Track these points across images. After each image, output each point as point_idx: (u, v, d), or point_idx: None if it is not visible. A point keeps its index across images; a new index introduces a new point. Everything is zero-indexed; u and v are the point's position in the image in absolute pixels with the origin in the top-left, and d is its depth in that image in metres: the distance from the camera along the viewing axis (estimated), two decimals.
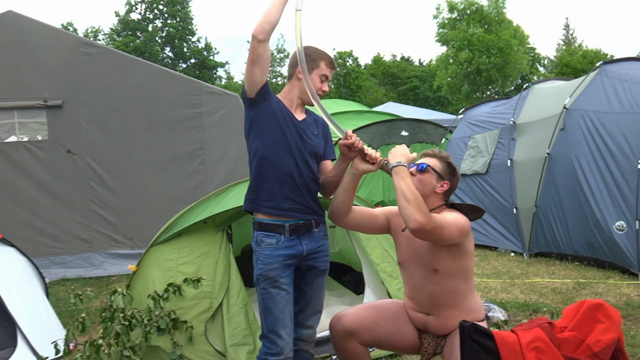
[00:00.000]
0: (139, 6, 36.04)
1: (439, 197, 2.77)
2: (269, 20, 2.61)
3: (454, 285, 2.70)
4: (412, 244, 2.76)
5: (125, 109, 6.69)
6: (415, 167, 2.78)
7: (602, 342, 1.85)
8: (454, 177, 2.81)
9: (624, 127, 6.21)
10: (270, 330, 2.69)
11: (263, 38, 2.60)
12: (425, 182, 2.74)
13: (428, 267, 2.70)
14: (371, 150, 2.69)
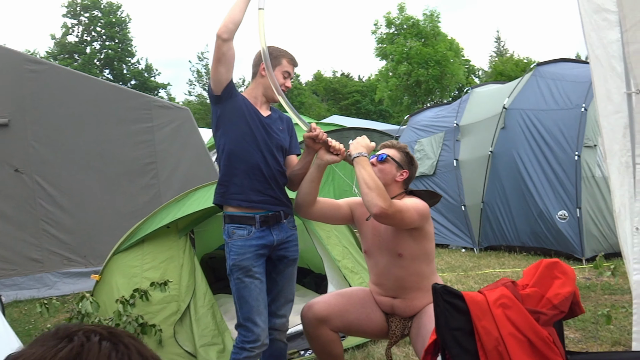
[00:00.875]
0: (75, 28, 35.36)
1: (399, 185, 2.91)
2: (233, 20, 2.68)
3: (418, 268, 2.83)
4: (377, 232, 2.88)
5: (74, 125, 6.59)
6: (376, 157, 2.91)
7: (560, 295, 2.01)
8: (412, 166, 2.96)
9: (559, 123, 6.59)
10: (246, 319, 2.75)
11: (227, 37, 2.67)
12: (385, 171, 2.87)
13: (393, 253, 2.82)
14: (335, 142, 2.80)
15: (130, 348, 0.67)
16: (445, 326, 1.94)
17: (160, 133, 6.91)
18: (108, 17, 35.12)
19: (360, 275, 4.23)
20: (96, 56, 35.57)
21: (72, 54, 34.82)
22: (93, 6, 35.04)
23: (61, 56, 34.73)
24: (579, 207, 6.19)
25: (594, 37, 2.79)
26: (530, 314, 1.96)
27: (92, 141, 6.65)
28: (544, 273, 2.08)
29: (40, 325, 4.66)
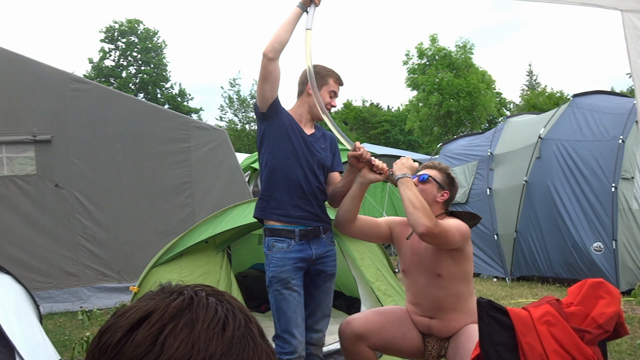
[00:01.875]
0: (112, 53, 36.28)
1: (440, 205, 2.93)
2: (279, 40, 2.76)
3: (457, 288, 2.83)
4: (416, 251, 2.89)
5: (114, 143, 6.76)
6: (417, 178, 2.94)
7: (605, 314, 2.01)
8: (453, 187, 2.98)
9: (596, 153, 6.54)
10: (284, 330, 2.78)
11: (273, 57, 2.74)
12: (426, 191, 2.89)
13: (432, 273, 2.82)
14: (378, 162, 2.84)
15: (232, 304, 0.72)
16: (489, 341, 1.95)
17: (197, 153, 7.05)
18: (144, 42, 35.99)
19: (393, 298, 4.22)
20: (131, 80, 36.37)
21: (108, 78, 35.66)
22: (130, 32, 35.96)
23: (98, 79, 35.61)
24: (614, 239, 6.11)
25: (639, 64, 2.80)
26: (574, 332, 1.96)
27: (130, 159, 6.81)
28: (589, 292, 2.07)
29: (74, 337, 4.73)
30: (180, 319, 0.67)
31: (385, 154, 11.30)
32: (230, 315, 0.69)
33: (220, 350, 0.66)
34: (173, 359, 0.64)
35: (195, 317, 0.67)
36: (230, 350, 0.66)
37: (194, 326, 0.66)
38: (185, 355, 0.64)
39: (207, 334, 0.66)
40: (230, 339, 0.67)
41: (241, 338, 0.68)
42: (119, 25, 35.90)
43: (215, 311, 0.68)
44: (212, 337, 0.66)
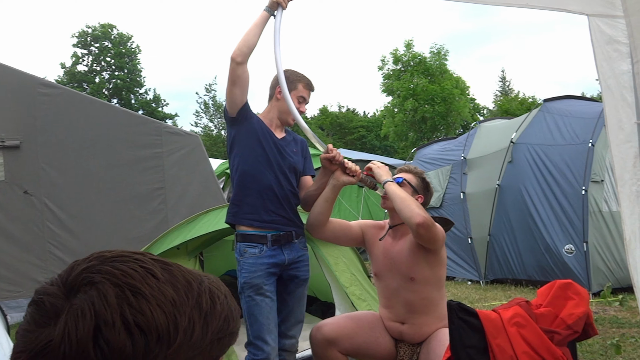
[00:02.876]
0: (85, 58, 35.84)
1: None
2: (247, 44, 2.74)
3: (429, 293, 2.83)
4: (388, 254, 2.89)
5: (85, 149, 6.65)
6: (392, 181, 2.96)
7: (574, 315, 2.02)
8: (428, 192, 2.99)
9: (566, 158, 6.64)
10: (256, 337, 2.75)
11: (241, 60, 2.72)
12: None
13: (405, 276, 2.82)
14: (351, 164, 2.83)
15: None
16: (459, 344, 1.95)
17: (170, 159, 6.97)
18: (118, 47, 35.63)
19: (368, 303, 4.22)
20: (105, 86, 35.97)
21: (81, 83, 35.22)
22: (104, 37, 35.57)
23: (70, 84, 35.15)
24: (585, 242, 6.20)
25: (605, 68, 2.84)
26: (544, 333, 1.97)
27: (101, 165, 6.70)
28: (558, 293, 2.09)
29: None
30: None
31: (361, 159, 11.33)
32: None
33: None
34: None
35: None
36: None
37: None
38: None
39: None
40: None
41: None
42: (92, 30, 35.49)
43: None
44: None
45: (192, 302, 0.72)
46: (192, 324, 0.71)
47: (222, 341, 0.75)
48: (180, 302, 0.71)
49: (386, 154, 36.90)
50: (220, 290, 0.78)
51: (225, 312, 0.76)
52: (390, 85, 30.54)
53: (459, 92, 29.73)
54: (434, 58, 30.13)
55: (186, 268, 0.77)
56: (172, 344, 0.68)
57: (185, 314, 0.70)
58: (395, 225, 2.93)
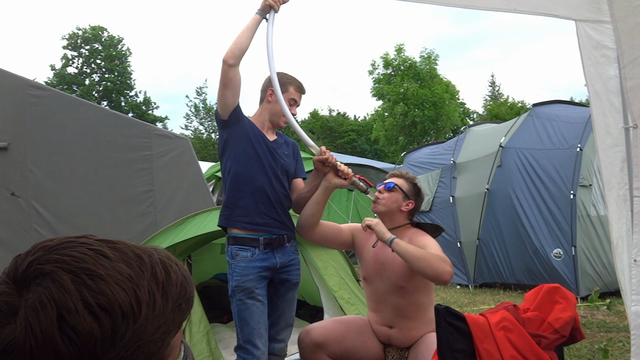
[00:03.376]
0: (75, 60, 35.66)
1: (405, 215, 2.92)
2: (239, 47, 2.73)
3: (418, 298, 2.83)
4: (379, 260, 2.87)
5: (73, 151, 6.59)
6: (383, 185, 2.94)
7: (561, 319, 2.03)
8: (419, 197, 2.98)
9: (555, 162, 6.68)
10: (246, 341, 2.73)
11: (233, 63, 2.71)
12: (391, 199, 2.89)
13: (395, 283, 2.81)
14: (344, 166, 2.82)
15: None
16: (447, 348, 1.95)
17: (159, 161, 6.92)
18: (108, 50, 35.49)
19: (357, 307, 4.21)
20: (95, 88, 35.79)
21: (71, 85, 35.04)
22: (94, 39, 35.42)
23: (60, 87, 34.94)
24: (574, 246, 6.23)
25: (593, 73, 2.86)
26: (531, 337, 1.97)
27: (90, 167, 6.64)
28: (545, 297, 2.10)
29: None
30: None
31: (351, 162, 11.33)
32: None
33: None
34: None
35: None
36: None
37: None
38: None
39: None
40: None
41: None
42: (83, 32, 35.34)
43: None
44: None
45: (148, 275, 0.73)
46: (153, 295, 0.72)
47: (182, 307, 0.77)
48: (136, 277, 0.71)
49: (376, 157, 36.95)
50: (170, 259, 0.79)
51: (180, 278, 0.78)
52: (380, 89, 30.63)
53: (449, 96, 29.87)
54: (424, 62, 30.26)
55: (132, 243, 0.79)
56: (137, 318, 0.69)
57: (144, 287, 0.71)
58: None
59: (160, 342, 0.73)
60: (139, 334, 0.69)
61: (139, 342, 0.69)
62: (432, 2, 2.51)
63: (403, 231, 2.88)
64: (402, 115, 29.55)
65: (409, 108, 29.19)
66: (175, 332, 0.77)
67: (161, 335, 0.73)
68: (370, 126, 37.02)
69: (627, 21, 2.30)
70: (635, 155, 2.68)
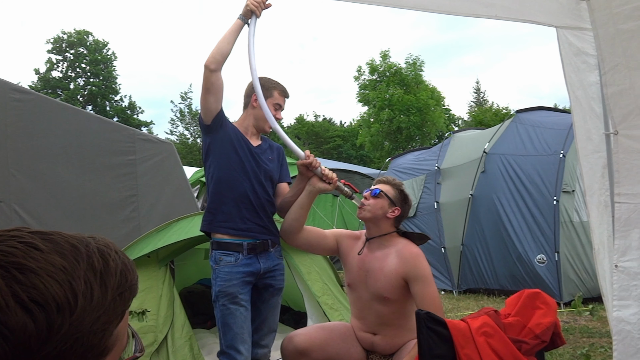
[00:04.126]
0: (60, 64, 35.38)
1: (391, 222, 2.88)
2: (221, 52, 2.72)
3: (402, 307, 2.81)
4: (364, 266, 2.85)
5: (56, 155, 6.54)
6: (370, 191, 2.91)
7: (542, 324, 2.04)
8: (406, 204, 2.93)
9: (538, 168, 6.73)
10: (229, 346, 2.71)
11: (214, 68, 2.70)
12: (377, 206, 2.85)
13: (379, 294, 2.79)
14: (328, 171, 2.79)
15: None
16: (428, 353, 1.94)
17: (143, 166, 6.88)
18: (94, 54, 35.26)
19: (340, 312, 4.20)
20: (80, 92, 35.53)
21: (56, 89, 34.74)
22: (79, 43, 35.19)
23: (44, 91, 34.61)
24: (557, 252, 6.27)
25: (574, 79, 2.88)
26: (512, 342, 1.97)
27: (73, 172, 6.58)
28: (526, 303, 2.10)
29: None
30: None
31: (337, 168, 11.34)
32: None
33: None
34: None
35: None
36: None
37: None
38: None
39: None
40: None
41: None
42: (68, 36, 35.09)
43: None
44: None
45: (84, 265, 0.71)
46: (90, 286, 0.70)
47: (123, 295, 0.76)
48: (71, 267, 0.70)
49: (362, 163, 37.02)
50: (109, 247, 0.78)
51: (120, 267, 0.77)
52: (366, 95, 30.70)
53: (434, 102, 29.99)
54: (409, 69, 30.37)
55: (69, 233, 0.77)
56: (74, 310, 0.68)
57: (79, 278, 0.70)
58: (372, 237, 2.90)
59: (101, 333, 0.72)
60: (77, 326, 0.68)
61: (77, 334, 0.68)
62: (415, 7, 2.51)
63: (389, 239, 2.86)
64: (387, 121, 29.63)
65: (394, 114, 29.27)
66: (117, 321, 0.76)
67: (102, 325, 0.72)
68: (355, 132, 37.10)
69: (608, 28, 2.33)
70: (616, 161, 2.70)
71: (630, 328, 2.30)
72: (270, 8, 2.81)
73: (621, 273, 2.37)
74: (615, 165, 2.72)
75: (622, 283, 2.35)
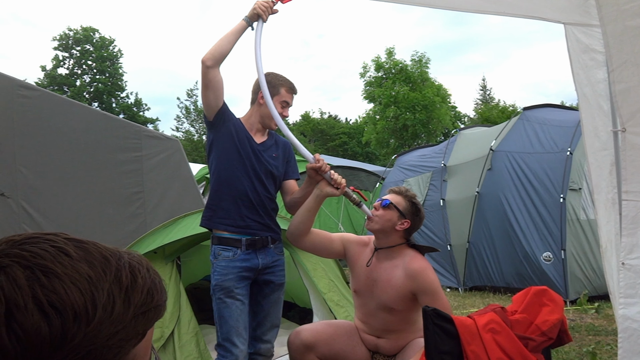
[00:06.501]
0: (66, 61, 35.47)
1: (400, 234, 2.83)
2: (219, 50, 2.69)
3: (408, 315, 2.82)
4: (371, 276, 2.84)
5: (63, 151, 6.56)
6: (380, 202, 2.86)
7: (549, 321, 2.03)
8: (417, 217, 2.86)
9: (545, 166, 6.70)
10: (225, 339, 2.73)
11: (211, 65, 2.67)
12: (385, 217, 2.80)
13: (385, 304, 2.78)
14: (337, 176, 2.75)
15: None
16: (434, 350, 1.94)
17: (149, 163, 6.90)
18: (100, 51, 35.33)
19: (346, 309, 4.20)
20: (86, 89, 35.61)
21: (62, 86, 34.84)
22: (85, 40, 35.26)
23: (51, 87, 34.73)
24: (563, 249, 6.25)
25: (582, 76, 2.87)
26: (519, 339, 1.97)
27: (80, 168, 6.60)
28: (533, 300, 2.10)
29: None
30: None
31: (342, 165, 11.32)
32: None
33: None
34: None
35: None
36: None
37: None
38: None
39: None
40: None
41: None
42: (74, 33, 35.16)
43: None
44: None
45: (111, 278, 0.71)
46: (112, 299, 0.70)
47: (147, 315, 0.75)
48: (97, 278, 0.69)
49: (367, 160, 36.99)
50: (141, 264, 0.77)
51: (148, 285, 0.76)
52: (372, 92, 30.65)
53: (439, 99, 29.93)
54: (415, 66, 30.30)
55: (104, 245, 0.76)
56: (90, 321, 0.67)
57: (103, 289, 0.69)
58: (381, 248, 2.87)
59: (116, 349, 0.70)
60: (92, 338, 0.67)
61: (90, 346, 0.67)
62: (422, 4, 2.51)
63: (397, 251, 2.82)
64: (393, 118, 29.60)
65: (400, 111, 29.22)
66: (136, 340, 0.74)
67: (118, 342, 0.70)
68: (361, 129, 37.07)
69: (616, 25, 2.31)
70: (624, 158, 2.69)
71: (637, 326, 2.29)
72: (280, 6, 2.78)
73: (628, 271, 2.36)
74: (623, 163, 2.71)
75: (628, 281, 2.34)
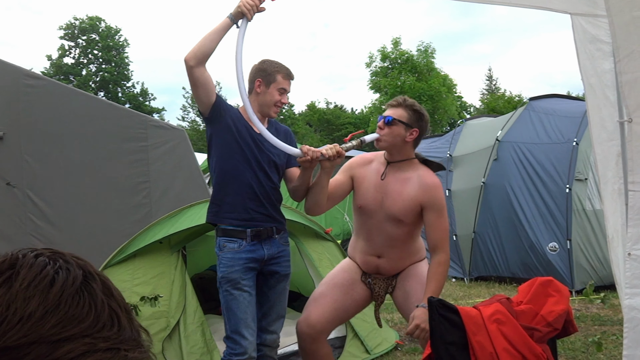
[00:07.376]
0: (72, 51, 35.50)
1: (410, 145, 2.83)
2: (202, 49, 2.66)
3: (411, 229, 2.86)
4: (381, 189, 2.83)
5: (69, 141, 6.56)
6: (383, 120, 2.82)
7: (554, 312, 2.03)
8: (422, 122, 2.84)
9: (551, 156, 6.69)
10: (234, 331, 2.74)
11: (194, 64, 2.64)
12: (393, 134, 2.78)
13: (394, 217, 2.80)
14: (330, 151, 2.71)
15: (69, 261, 0.69)
16: (440, 340, 1.95)
17: (155, 152, 6.90)
18: (106, 40, 35.33)
19: None
20: (92, 78, 35.68)
21: (68, 76, 34.88)
22: (91, 29, 35.27)
23: (57, 77, 34.76)
24: (569, 239, 6.25)
25: (588, 67, 2.85)
26: (524, 330, 1.97)
27: (85, 158, 6.61)
28: (539, 290, 2.10)
29: None
30: None
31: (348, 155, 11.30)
32: (63, 271, 0.67)
33: (44, 307, 0.63)
34: None
35: (14, 276, 0.65)
36: (57, 307, 0.64)
37: (11, 285, 0.64)
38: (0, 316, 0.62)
39: (26, 292, 0.64)
40: (59, 295, 0.65)
41: (74, 294, 0.66)
42: (80, 23, 35.17)
43: (41, 269, 0.66)
44: (33, 295, 0.64)
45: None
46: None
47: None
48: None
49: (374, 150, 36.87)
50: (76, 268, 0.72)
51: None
52: (377, 82, 30.59)
53: (445, 89, 29.87)
54: (421, 56, 30.19)
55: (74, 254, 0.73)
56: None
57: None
58: (394, 161, 2.86)
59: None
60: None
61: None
62: None
63: (409, 164, 2.84)
64: None
65: None
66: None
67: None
68: (367, 119, 37.00)
69: (623, 15, 2.30)
70: (630, 149, 2.68)
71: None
72: (268, 4, 2.69)
73: (634, 261, 2.35)
74: (629, 153, 2.69)
75: (634, 271, 2.33)
